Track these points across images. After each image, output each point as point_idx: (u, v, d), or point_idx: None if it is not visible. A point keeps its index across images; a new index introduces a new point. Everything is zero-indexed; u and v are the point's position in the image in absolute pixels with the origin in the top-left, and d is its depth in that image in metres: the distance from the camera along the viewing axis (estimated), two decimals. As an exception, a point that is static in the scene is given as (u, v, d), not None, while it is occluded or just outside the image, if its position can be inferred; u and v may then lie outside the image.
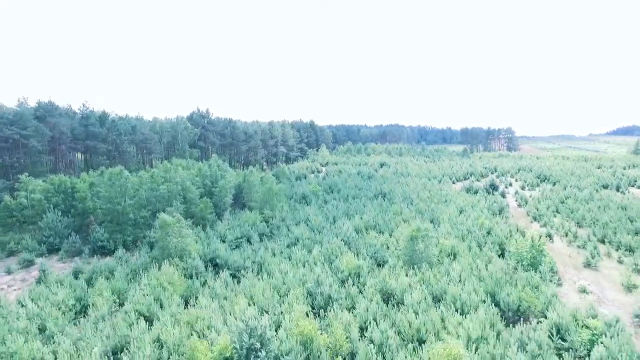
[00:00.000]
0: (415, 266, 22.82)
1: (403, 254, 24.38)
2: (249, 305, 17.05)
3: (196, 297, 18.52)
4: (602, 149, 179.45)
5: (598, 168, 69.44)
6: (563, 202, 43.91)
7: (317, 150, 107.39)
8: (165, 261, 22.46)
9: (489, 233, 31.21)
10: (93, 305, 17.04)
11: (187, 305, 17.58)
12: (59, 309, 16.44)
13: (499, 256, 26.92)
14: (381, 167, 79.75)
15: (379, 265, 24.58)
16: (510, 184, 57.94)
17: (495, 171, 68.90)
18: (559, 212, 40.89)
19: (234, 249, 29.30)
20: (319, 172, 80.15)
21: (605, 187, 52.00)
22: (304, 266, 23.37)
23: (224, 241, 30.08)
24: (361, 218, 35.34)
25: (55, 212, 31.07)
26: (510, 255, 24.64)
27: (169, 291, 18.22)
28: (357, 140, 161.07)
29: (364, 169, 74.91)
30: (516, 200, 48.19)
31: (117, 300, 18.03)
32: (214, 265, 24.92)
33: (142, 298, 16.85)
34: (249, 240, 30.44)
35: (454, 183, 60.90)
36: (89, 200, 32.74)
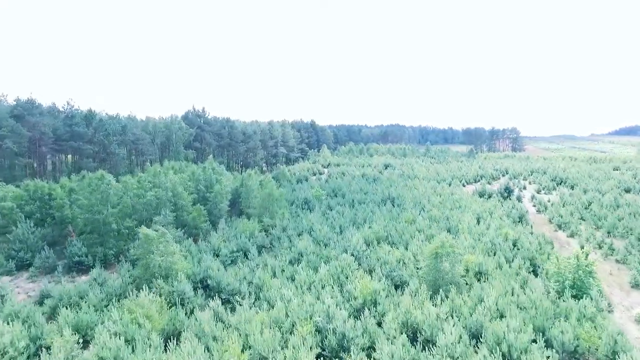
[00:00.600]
0: (440, 290, 19.42)
1: (425, 273, 20.96)
2: (244, 349, 13.61)
3: (179, 335, 15.08)
4: (608, 149, 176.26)
5: (615, 170, 66.09)
6: (587, 208, 40.54)
7: (319, 151, 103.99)
8: (145, 285, 19.00)
9: (515, 245, 27.82)
10: (48, 349, 13.59)
11: (167, 349, 14.12)
12: (3, 356, 13.00)
13: (530, 273, 23.56)
14: (386, 168, 76.36)
15: (396, 287, 21.16)
16: (525, 187, 54.55)
17: (507, 173, 65.52)
18: (584, 219, 37.54)
19: (229, 264, 25.89)
20: (320, 174, 76.77)
21: (627, 190, 48.66)
22: (309, 289, 19.94)
23: (217, 255, 26.64)
24: (370, 227, 31.92)
25: (28, 223, 27.60)
26: (549, 276, 21.21)
27: (146, 329, 14.77)
28: (359, 141, 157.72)
29: (368, 170, 71.48)
30: (534, 206, 44.86)
31: (81, 341, 14.57)
32: (205, 287, 21.49)
33: (110, 340, 13.40)
34: (245, 255, 27.00)
35: (464, 186, 57.54)
36: (67, 209, 29.28)
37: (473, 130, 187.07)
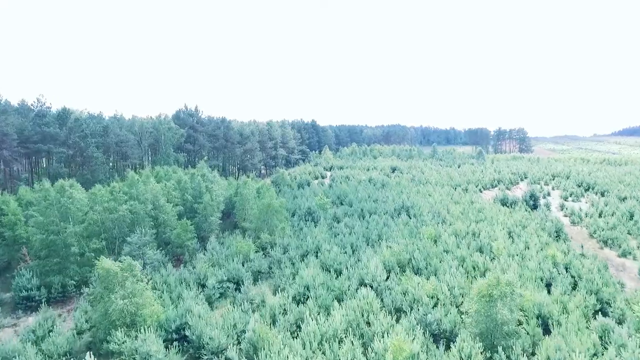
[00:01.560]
0: (499, 347, 14.34)
1: (474, 322, 15.84)
2: None
3: None
4: (615, 150, 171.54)
5: None
6: (631, 219, 35.50)
7: (320, 153, 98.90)
8: (103, 343, 13.86)
9: (567, 270, 22.72)
10: None
11: None
12: None
13: (599, 313, 18.48)
14: (393, 172, 71.29)
15: (434, 337, 16.05)
16: (549, 194, 49.52)
17: (526, 177, 60.49)
18: (630, 233, 32.56)
19: (217, 298, 20.79)
20: (323, 177, 71.66)
21: (667, 198, 43.63)
22: (320, 346, 14.80)
23: (203, 286, 21.51)
24: (389, 247, 26.81)
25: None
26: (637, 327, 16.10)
27: None
28: (360, 141, 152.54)
29: (374, 174, 66.37)
30: (566, 216, 39.83)
31: None
32: (182, 338, 16.33)
33: None
34: (238, 286, 21.84)
35: (481, 192, 52.53)
36: (20, 227, 24.10)
37: (476, 130, 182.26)
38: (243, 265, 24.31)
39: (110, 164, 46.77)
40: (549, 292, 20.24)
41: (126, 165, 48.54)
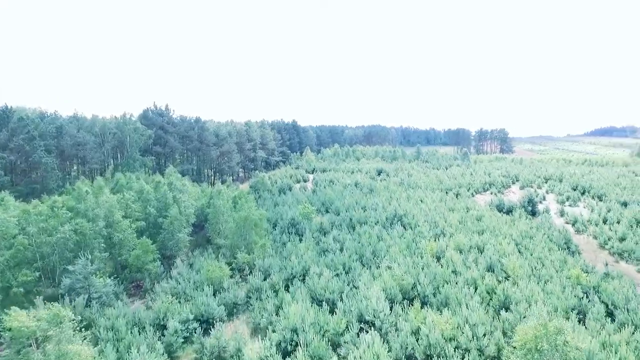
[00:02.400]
0: None
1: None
2: None
3: None
4: (591, 150, 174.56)
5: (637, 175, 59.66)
6: (634, 226, 33.00)
7: (301, 154, 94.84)
8: None
9: (598, 295, 19.47)
10: None
11: None
12: None
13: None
14: (379, 174, 67.94)
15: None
16: (544, 198, 47.07)
17: (517, 180, 58.09)
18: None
19: (181, 345, 16.49)
20: (305, 180, 67.62)
21: (667, 202, 41.71)
22: None
23: (164, 327, 17.16)
24: (388, 267, 23.10)
25: None
26: None
27: None
28: (342, 142, 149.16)
29: (360, 177, 62.86)
30: (568, 223, 37.19)
31: None
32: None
33: None
34: (207, 328, 17.58)
35: (473, 196, 49.66)
36: None
37: (457, 131, 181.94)
38: (215, 296, 20.06)
39: (66, 170, 41.23)
40: (583, 324, 16.95)
41: (85, 171, 43.15)
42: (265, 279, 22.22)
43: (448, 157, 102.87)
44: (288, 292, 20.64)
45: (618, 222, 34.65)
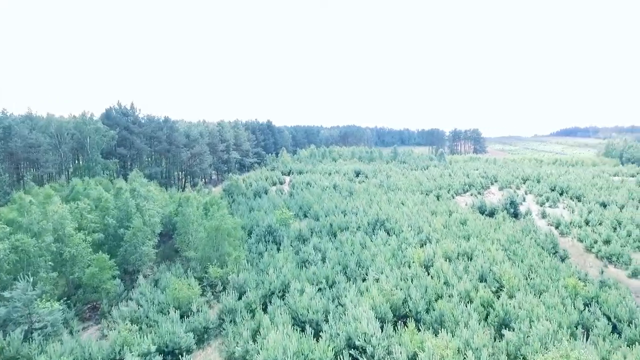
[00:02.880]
0: None
1: None
2: None
3: None
4: (559, 149, 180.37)
5: (615, 176, 60.70)
6: (619, 227, 32.75)
7: (277, 156, 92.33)
8: None
9: (598, 305, 18.27)
10: None
11: None
12: None
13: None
14: (357, 176, 66.46)
15: None
16: (524, 199, 46.74)
17: (496, 181, 57.91)
18: (626, 245, 29.54)
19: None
20: (281, 183, 65.29)
21: (641, 202, 42.11)
22: None
23: (119, 363, 14.60)
24: (375, 280, 21.31)
25: None
26: None
27: None
28: (317, 143, 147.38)
29: (338, 179, 61.14)
30: (550, 225, 36.71)
31: None
32: None
33: None
34: (174, 358, 15.17)
35: (453, 197, 48.84)
36: None
37: (432, 131, 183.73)
38: (183, 320, 17.59)
39: (20, 175, 37.09)
40: (589, 341, 15.61)
41: (40, 175, 39.17)
42: (240, 297, 19.89)
43: (424, 158, 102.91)
44: (266, 312, 18.43)
45: (600, 224, 34.35)
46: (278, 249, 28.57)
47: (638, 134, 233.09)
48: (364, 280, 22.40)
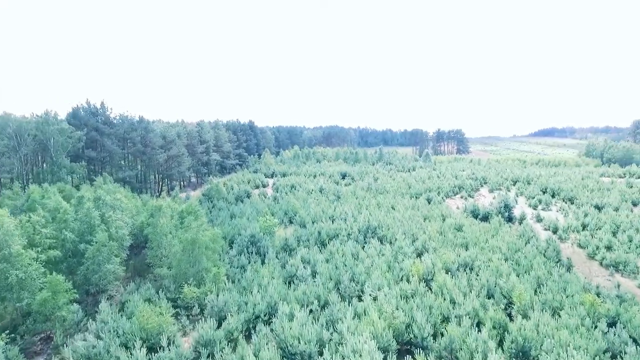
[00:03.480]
0: None
1: None
2: None
3: None
4: (538, 150, 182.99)
5: (603, 177, 60.29)
6: (617, 232, 31.49)
7: (260, 157, 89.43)
8: None
9: (621, 325, 16.44)
10: None
11: None
12: None
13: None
14: (343, 178, 64.28)
15: None
16: (516, 202, 45.40)
17: (485, 183, 56.63)
18: (630, 251, 28.17)
19: None
20: (264, 186, 62.55)
21: (635, 204, 41.33)
22: None
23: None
24: (374, 299, 19.02)
25: None
26: None
27: None
28: (301, 143, 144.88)
29: (323, 182, 58.82)
30: (546, 229, 35.28)
31: None
32: None
33: None
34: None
35: (443, 200, 47.08)
36: None
37: (415, 131, 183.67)
38: (151, 356, 14.84)
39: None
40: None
41: (-4, 180, 35.39)
42: (220, 324, 17.22)
43: (409, 159, 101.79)
44: (250, 342, 15.89)
45: (599, 229, 33.03)
46: (262, 262, 26.02)
47: (613, 134, 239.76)
48: (360, 298, 20.09)
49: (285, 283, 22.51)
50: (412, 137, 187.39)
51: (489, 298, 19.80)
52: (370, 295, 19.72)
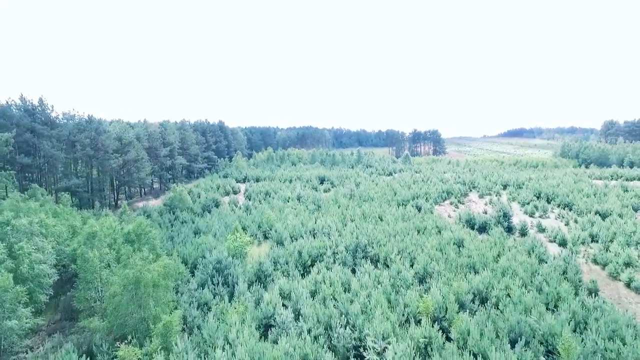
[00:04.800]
0: None
1: None
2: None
3: None
4: (510, 150, 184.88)
5: (597, 179, 58.10)
6: (630, 244, 28.21)
7: (231, 160, 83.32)
8: None
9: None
10: None
11: None
12: None
13: None
14: (321, 183, 59.50)
15: None
16: (510, 208, 41.87)
17: (474, 187, 53.20)
18: (648, 267, 24.78)
19: None
20: (235, 192, 56.88)
21: (635, 209, 38.66)
22: None
23: None
24: (377, 354, 14.19)
25: None
26: None
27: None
28: (274, 145, 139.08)
29: (301, 188, 53.84)
30: (552, 241, 31.71)
31: None
32: None
33: None
34: None
35: (433, 207, 43.01)
36: None
37: (391, 132, 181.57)
38: None
39: None
40: None
41: None
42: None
43: (388, 160, 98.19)
44: None
45: (611, 240, 29.68)
46: (231, 297, 20.79)
47: (579, 134, 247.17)
48: (359, 355, 15.24)
49: (260, 329, 17.40)
50: (387, 138, 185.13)
51: (526, 349, 15.38)
52: (373, 349, 14.93)
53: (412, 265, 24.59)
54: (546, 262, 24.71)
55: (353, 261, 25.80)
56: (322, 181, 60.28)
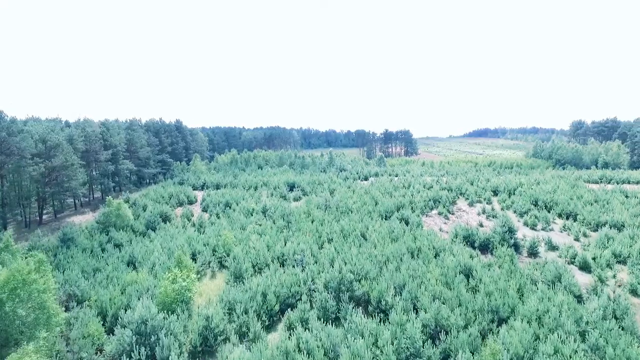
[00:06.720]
0: None
1: None
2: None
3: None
4: (479, 150, 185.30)
5: (593, 183, 54.37)
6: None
7: (189, 163, 74.59)
8: None
9: None
10: None
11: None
12: None
13: None
14: (291, 190, 52.55)
15: None
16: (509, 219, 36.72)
17: (462, 194, 47.95)
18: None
19: None
20: (191, 202, 48.95)
21: (644, 219, 34.37)
22: None
23: None
24: None
25: None
26: None
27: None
28: (239, 146, 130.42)
29: (267, 197, 46.63)
30: (570, 263, 26.40)
31: None
32: None
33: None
34: None
35: (419, 218, 37.08)
36: None
37: (359, 132, 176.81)
38: None
39: None
40: None
41: None
42: None
43: (360, 162, 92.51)
44: None
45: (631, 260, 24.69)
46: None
47: (541, 134, 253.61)
48: None
49: None
50: (357, 138, 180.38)
51: None
52: None
53: (415, 311, 18.29)
54: (582, 300, 19.08)
55: (337, 306, 19.19)
56: (291, 188, 53.31)
